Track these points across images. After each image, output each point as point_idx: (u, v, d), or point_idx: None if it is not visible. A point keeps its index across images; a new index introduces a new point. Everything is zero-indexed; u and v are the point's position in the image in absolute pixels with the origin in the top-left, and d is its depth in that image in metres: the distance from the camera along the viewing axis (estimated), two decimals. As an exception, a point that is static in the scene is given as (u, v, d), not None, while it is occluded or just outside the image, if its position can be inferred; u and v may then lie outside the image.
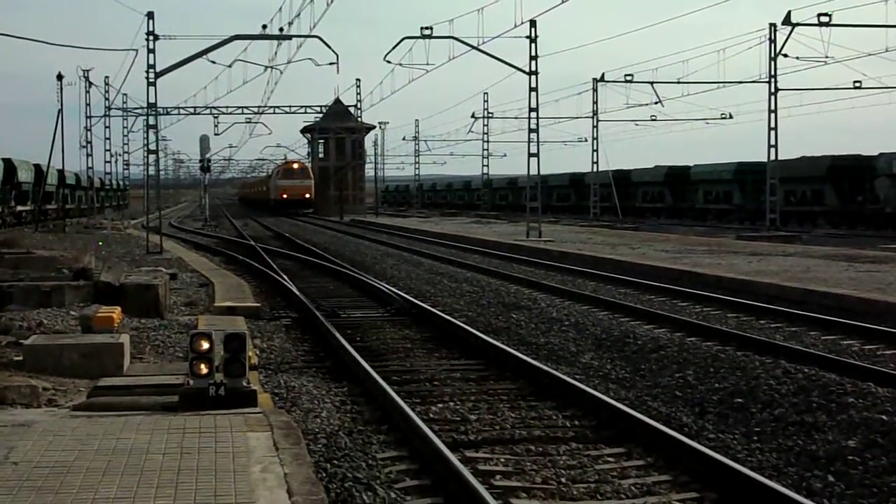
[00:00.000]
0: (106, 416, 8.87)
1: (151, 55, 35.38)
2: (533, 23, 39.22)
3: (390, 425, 9.93)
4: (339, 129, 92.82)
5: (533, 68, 39.88)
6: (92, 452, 7.58)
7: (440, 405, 10.91)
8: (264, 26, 37.63)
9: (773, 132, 47.10)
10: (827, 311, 17.31)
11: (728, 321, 17.09)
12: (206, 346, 8.99)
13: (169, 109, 71.16)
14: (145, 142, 44.95)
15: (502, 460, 8.81)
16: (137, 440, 7.93)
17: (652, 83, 57.60)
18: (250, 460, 7.35)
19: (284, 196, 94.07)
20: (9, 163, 52.86)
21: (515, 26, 37.61)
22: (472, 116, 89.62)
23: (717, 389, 11.54)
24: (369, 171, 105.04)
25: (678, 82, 56.07)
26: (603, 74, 61.30)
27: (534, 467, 8.58)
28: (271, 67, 43.73)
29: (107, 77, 73.42)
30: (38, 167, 57.94)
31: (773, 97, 47.15)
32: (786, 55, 45.18)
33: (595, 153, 64.62)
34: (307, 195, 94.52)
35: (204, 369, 9.03)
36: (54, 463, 7.29)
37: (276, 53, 43.17)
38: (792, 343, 14.45)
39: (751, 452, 9.22)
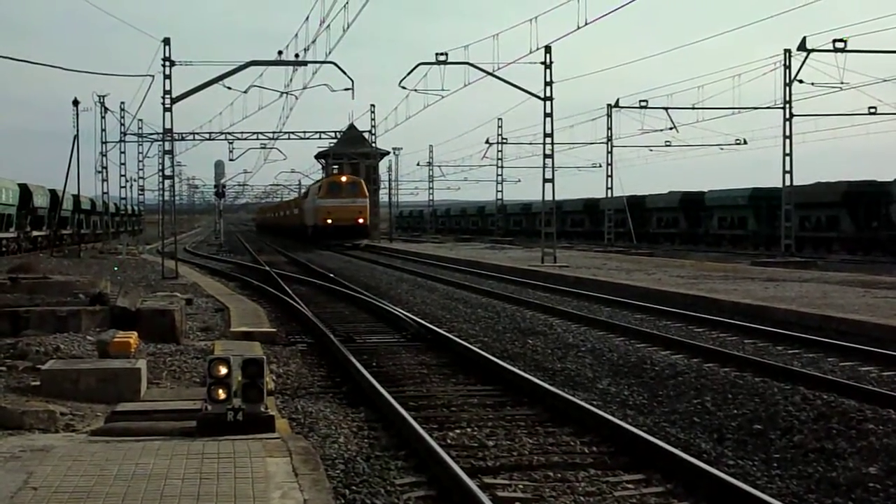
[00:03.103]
0: (124, 441, 8.87)
1: (167, 81, 35.58)
2: (548, 48, 39.27)
3: (408, 451, 9.89)
4: (353, 155, 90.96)
5: (548, 94, 39.90)
6: (111, 477, 7.57)
7: (458, 431, 10.87)
8: (280, 52, 37.88)
9: (788, 158, 47.10)
10: (844, 338, 17.24)
11: (745, 347, 17.02)
12: (224, 371, 9.00)
13: (184, 135, 71.40)
14: (160, 167, 45.10)
15: (521, 487, 8.76)
16: (156, 465, 7.92)
17: (667, 109, 57.85)
18: (269, 486, 7.33)
19: (329, 221, 69.27)
20: (25, 188, 53.19)
21: (531, 52, 37.95)
22: (487, 142, 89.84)
23: (736, 416, 11.48)
24: (383, 196, 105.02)
25: (693, 108, 56.24)
26: (618, 100, 61.53)
27: (553, 494, 8.53)
28: (286, 93, 43.95)
29: (122, 103, 73.96)
30: (53, 192, 58.29)
31: (787, 123, 47.18)
32: (801, 81, 45.31)
33: (609, 179, 64.74)
34: (360, 220, 69.71)
35: (222, 394, 9.03)
36: (73, 488, 7.28)
37: (291, 79, 43.38)
38: (810, 369, 14.38)
39: (770, 479, 9.15)
